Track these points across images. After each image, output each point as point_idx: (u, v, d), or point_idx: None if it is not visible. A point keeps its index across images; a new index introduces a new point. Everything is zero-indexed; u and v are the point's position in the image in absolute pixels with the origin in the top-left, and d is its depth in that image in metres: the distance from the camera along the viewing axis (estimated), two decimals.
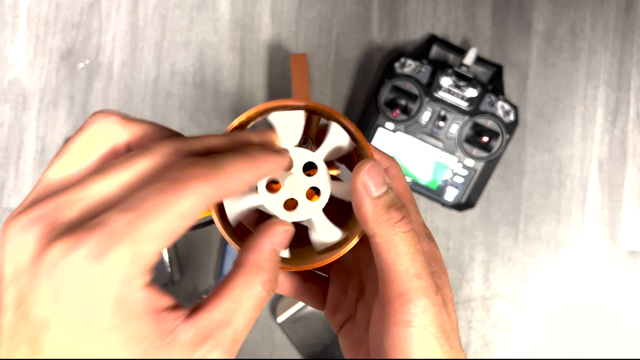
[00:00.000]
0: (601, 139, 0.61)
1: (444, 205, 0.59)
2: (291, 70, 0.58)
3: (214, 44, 0.62)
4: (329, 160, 0.26)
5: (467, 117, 0.56)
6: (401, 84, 0.56)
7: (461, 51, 0.59)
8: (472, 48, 0.56)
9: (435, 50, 0.61)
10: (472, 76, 0.56)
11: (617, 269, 0.61)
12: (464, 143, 0.56)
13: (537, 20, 0.61)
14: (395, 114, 0.56)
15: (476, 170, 0.57)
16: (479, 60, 0.58)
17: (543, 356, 0.61)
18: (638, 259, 0.61)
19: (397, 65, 0.56)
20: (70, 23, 0.62)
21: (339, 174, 0.30)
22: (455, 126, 0.56)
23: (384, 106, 0.56)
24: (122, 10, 0.62)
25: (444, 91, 0.56)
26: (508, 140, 0.56)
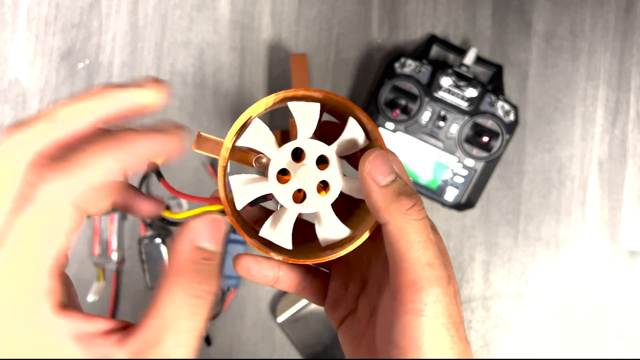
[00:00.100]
0: (601, 139, 0.61)
1: (444, 205, 0.59)
2: (291, 70, 0.58)
3: (214, 44, 0.62)
4: (342, 155, 0.27)
5: (467, 117, 0.56)
6: (401, 84, 0.56)
7: (461, 51, 0.59)
8: (472, 48, 0.56)
9: (435, 50, 0.61)
10: (472, 76, 0.56)
11: (617, 269, 0.61)
12: (464, 143, 0.56)
13: (537, 20, 0.61)
14: (395, 114, 0.56)
15: (476, 170, 0.57)
16: (479, 60, 0.58)
17: (543, 356, 0.61)
18: (638, 259, 0.61)
19: (397, 65, 0.56)
20: (70, 23, 0.62)
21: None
22: (455, 126, 0.56)
23: (384, 106, 0.56)
24: (122, 10, 0.62)
25: (444, 91, 0.56)
26: (508, 140, 0.56)
